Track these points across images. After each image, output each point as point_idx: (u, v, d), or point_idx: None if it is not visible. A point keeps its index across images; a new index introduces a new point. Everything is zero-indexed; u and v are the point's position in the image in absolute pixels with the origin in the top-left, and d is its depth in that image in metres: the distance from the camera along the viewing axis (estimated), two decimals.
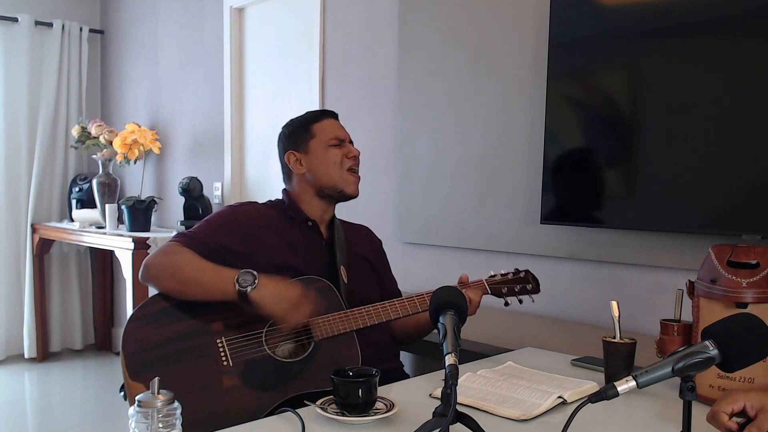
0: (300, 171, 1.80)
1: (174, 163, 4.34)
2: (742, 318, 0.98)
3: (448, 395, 1.02)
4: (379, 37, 3.00)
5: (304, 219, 1.80)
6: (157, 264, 1.62)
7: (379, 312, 1.65)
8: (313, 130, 1.80)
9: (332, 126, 1.82)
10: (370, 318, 1.63)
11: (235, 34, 3.86)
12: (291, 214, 1.80)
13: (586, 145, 2.24)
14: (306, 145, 1.79)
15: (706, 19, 1.92)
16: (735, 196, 1.88)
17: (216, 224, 1.71)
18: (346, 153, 1.79)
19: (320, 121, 1.82)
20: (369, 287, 1.84)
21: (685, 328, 1.47)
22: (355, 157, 1.81)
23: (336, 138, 1.79)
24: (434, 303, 1.22)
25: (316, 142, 1.79)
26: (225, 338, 1.56)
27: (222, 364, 1.53)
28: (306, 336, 1.60)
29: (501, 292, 1.77)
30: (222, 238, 1.67)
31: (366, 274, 1.86)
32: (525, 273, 1.81)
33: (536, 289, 1.79)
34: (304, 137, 1.80)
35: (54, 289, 4.71)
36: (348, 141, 1.83)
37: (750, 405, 1.03)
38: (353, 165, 1.80)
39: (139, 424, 0.94)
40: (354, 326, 1.61)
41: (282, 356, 1.57)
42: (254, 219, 1.75)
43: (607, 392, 0.94)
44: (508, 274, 1.79)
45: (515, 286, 1.77)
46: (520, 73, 2.45)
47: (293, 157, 1.80)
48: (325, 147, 1.78)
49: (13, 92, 4.51)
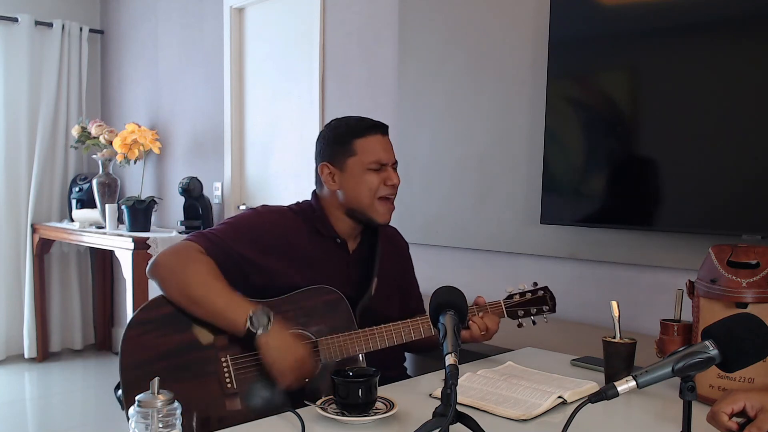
0: (332, 187, 1.67)
1: (174, 163, 4.34)
2: (742, 318, 0.98)
3: (448, 395, 1.02)
4: (379, 37, 3.00)
5: (333, 236, 1.69)
6: (167, 265, 1.53)
7: (392, 334, 1.58)
8: (355, 147, 1.64)
9: (377, 146, 1.66)
10: (382, 341, 1.56)
11: (235, 34, 3.86)
12: (319, 227, 1.68)
13: (586, 145, 2.24)
14: (344, 162, 1.65)
15: (706, 19, 1.92)
16: (735, 196, 1.88)
17: (239, 230, 1.61)
18: (385, 179, 1.65)
19: (366, 137, 1.65)
20: (388, 307, 1.75)
21: (685, 328, 1.47)
22: (394, 186, 1.67)
23: (377, 162, 1.64)
24: (434, 303, 1.21)
25: (355, 161, 1.64)
26: (230, 356, 1.49)
27: (226, 385, 1.47)
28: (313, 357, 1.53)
29: (517, 315, 1.70)
30: (243, 248, 1.58)
31: (388, 293, 1.77)
32: (543, 291, 1.71)
33: (553, 309, 1.71)
34: (344, 152, 1.65)
35: (54, 289, 4.70)
36: (390, 165, 1.67)
37: (750, 405, 1.03)
38: (389, 194, 1.67)
39: (138, 424, 0.94)
40: (364, 349, 1.55)
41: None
42: (280, 230, 1.64)
43: (607, 392, 0.94)
44: (527, 293, 1.70)
45: (531, 308, 1.69)
46: (520, 73, 2.45)
47: (327, 170, 1.67)
48: (363, 170, 1.64)
49: (13, 92, 4.50)
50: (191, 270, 1.51)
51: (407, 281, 1.90)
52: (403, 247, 1.91)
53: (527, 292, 1.71)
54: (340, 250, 1.71)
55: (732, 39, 1.89)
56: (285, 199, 3.51)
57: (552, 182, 2.26)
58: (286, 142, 3.59)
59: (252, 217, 1.66)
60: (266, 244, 1.61)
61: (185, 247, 1.56)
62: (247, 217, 1.66)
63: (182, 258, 1.54)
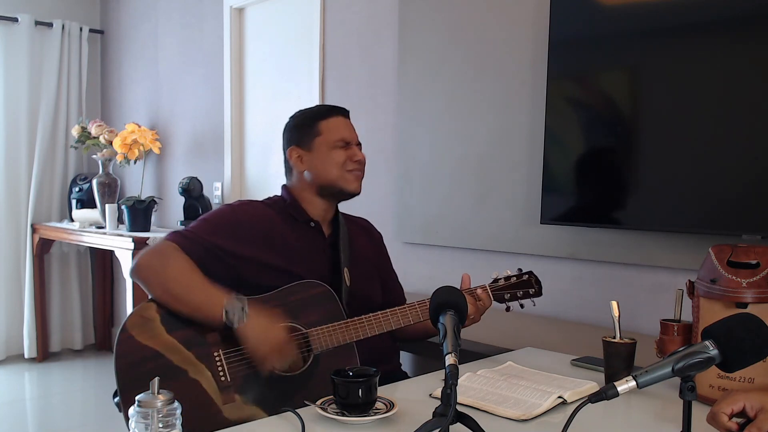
0: (301, 168, 1.74)
1: (174, 163, 4.34)
2: (742, 318, 0.98)
3: (448, 395, 1.02)
4: (379, 37, 3.00)
5: (307, 219, 1.75)
6: (148, 266, 1.57)
7: (380, 321, 1.61)
8: (320, 128, 1.73)
9: (340, 125, 1.75)
10: (371, 328, 1.59)
11: (235, 34, 3.86)
12: (293, 213, 1.74)
13: (586, 145, 2.24)
14: (310, 142, 1.73)
15: (706, 19, 1.92)
16: (735, 196, 1.88)
17: (214, 224, 1.66)
18: (351, 156, 1.73)
19: (328, 118, 1.75)
20: (370, 289, 1.80)
21: (685, 328, 1.47)
22: (360, 161, 1.74)
23: (342, 139, 1.73)
24: (434, 303, 1.21)
25: (321, 140, 1.73)
26: (222, 350, 1.51)
27: (220, 379, 1.49)
28: (305, 348, 1.56)
29: (503, 298, 1.73)
30: (219, 240, 1.61)
31: (368, 275, 1.82)
32: (528, 275, 1.75)
33: (539, 292, 1.74)
34: (309, 134, 1.74)
35: (54, 289, 4.70)
36: (355, 143, 1.76)
37: (750, 405, 1.03)
38: (356, 168, 1.74)
39: (138, 424, 0.94)
40: (354, 337, 1.58)
41: (281, 369, 1.53)
42: (254, 220, 1.69)
43: (607, 392, 0.94)
44: (512, 277, 1.74)
45: (518, 291, 1.73)
46: (520, 73, 2.45)
47: (295, 153, 1.75)
48: (330, 147, 1.72)
49: (13, 92, 4.50)
50: (170, 268, 1.55)
51: (385, 271, 1.93)
52: (378, 237, 1.97)
53: (512, 276, 1.75)
54: (315, 233, 1.76)
55: (732, 39, 1.89)
56: None
57: (552, 182, 2.26)
58: None
59: (226, 211, 1.71)
60: (243, 234, 1.65)
61: (164, 247, 1.60)
62: (221, 212, 1.71)
63: (162, 257, 1.58)
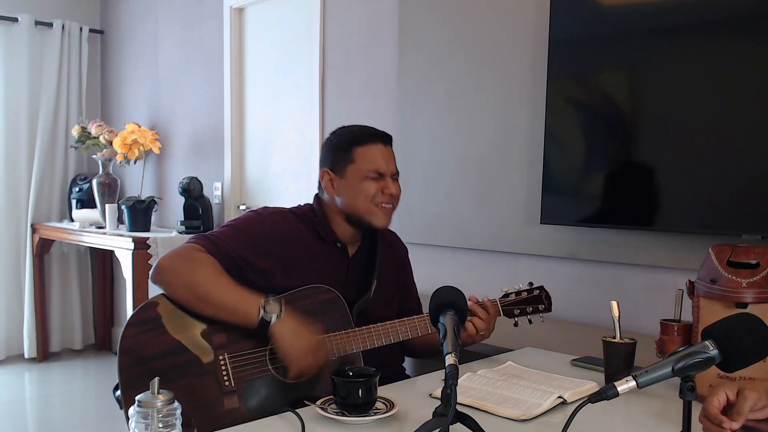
0: (331, 193, 1.70)
1: (174, 163, 4.34)
2: (742, 318, 0.98)
3: (448, 395, 1.02)
4: (379, 37, 3.00)
5: (333, 241, 1.71)
6: (173, 268, 1.54)
7: (388, 332, 1.59)
8: (354, 155, 1.66)
9: (377, 155, 1.67)
10: (378, 339, 1.58)
11: (235, 34, 3.86)
12: (320, 232, 1.70)
13: (586, 145, 2.24)
14: (343, 168, 1.67)
15: (706, 19, 1.92)
16: (735, 196, 1.88)
17: (242, 233, 1.62)
18: (383, 188, 1.66)
19: (366, 145, 1.67)
20: (387, 311, 1.76)
21: (685, 328, 1.47)
22: (391, 195, 1.67)
23: (376, 170, 1.66)
24: (434, 303, 1.21)
25: (354, 169, 1.66)
26: (228, 354, 1.50)
27: (224, 384, 1.48)
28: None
29: (513, 314, 1.71)
30: (246, 251, 1.59)
31: (387, 297, 1.78)
32: (539, 290, 1.71)
33: (548, 308, 1.71)
34: (344, 159, 1.68)
35: (54, 289, 4.70)
36: (390, 175, 1.68)
37: (731, 393, 1.06)
38: (386, 203, 1.67)
39: (138, 424, 0.94)
40: (361, 347, 1.57)
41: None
42: (280, 233, 1.65)
43: (607, 392, 0.94)
44: (522, 292, 1.71)
45: (528, 306, 1.70)
46: (520, 73, 2.45)
47: (327, 176, 1.70)
48: (361, 178, 1.65)
49: (13, 92, 4.50)
50: (197, 269, 1.53)
51: (406, 285, 1.92)
52: (403, 253, 1.93)
53: (523, 291, 1.72)
54: (339, 254, 1.72)
55: (732, 39, 1.89)
56: (285, 199, 3.51)
57: (552, 182, 2.26)
58: (286, 142, 3.59)
59: (253, 220, 1.67)
60: (266, 247, 1.62)
61: (187, 249, 1.58)
62: (248, 220, 1.67)
63: (186, 259, 1.55)
